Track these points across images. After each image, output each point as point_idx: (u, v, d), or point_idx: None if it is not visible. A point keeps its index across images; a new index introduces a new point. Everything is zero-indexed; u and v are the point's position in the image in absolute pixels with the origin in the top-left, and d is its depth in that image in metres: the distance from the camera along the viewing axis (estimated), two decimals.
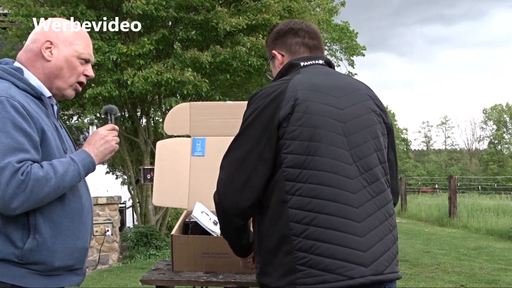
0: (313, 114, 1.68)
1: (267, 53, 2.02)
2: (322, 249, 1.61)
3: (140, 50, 8.01)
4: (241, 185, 1.68)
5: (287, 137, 1.66)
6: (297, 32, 1.94)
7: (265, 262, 1.71)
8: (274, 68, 1.98)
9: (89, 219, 1.96)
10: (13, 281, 1.72)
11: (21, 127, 1.69)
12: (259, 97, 1.76)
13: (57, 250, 1.78)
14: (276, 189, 1.67)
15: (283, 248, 1.65)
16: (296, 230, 1.63)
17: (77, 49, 1.93)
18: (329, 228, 1.62)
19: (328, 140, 1.67)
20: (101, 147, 1.91)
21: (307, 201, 1.63)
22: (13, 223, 1.72)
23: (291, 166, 1.65)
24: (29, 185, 1.65)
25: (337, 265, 1.60)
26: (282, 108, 1.68)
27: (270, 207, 1.68)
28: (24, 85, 1.82)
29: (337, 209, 1.63)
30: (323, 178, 1.64)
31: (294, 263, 1.63)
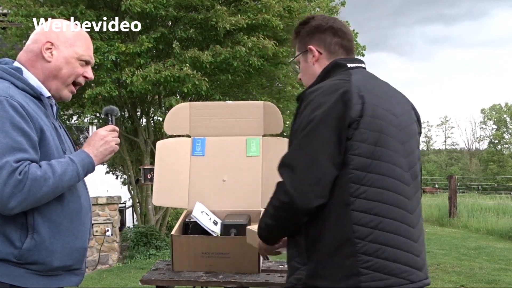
0: (379, 119, 1.70)
1: (297, 45, 1.98)
2: (387, 253, 1.64)
3: (139, 48, 8.00)
4: (315, 184, 1.64)
5: (356, 138, 1.66)
6: (337, 32, 1.92)
7: (320, 264, 1.67)
8: (305, 62, 1.94)
9: (88, 219, 1.96)
10: (11, 281, 1.72)
11: (20, 127, 1.69)
12: (320, 94, 1.71)
13: (55, 250, 1.78)
14: (339, 190, 1.65)
15: (344, 250, 1.63)
16: (361, 233, 1.63)
17: (77, 50, 1.93)
18: (393, 233, 1.66)
19: (391, 146, 1.71)
20: (101, 147, 1.91)
21: (372, 205, 1.65)
22: (11, 223, 1.72)
23: (357, 168, 1.65)
24: (27, 184, 1.64)
25: (401, 270, 1.65)
26: (352, 108, 1.66)
27: (330, 208, 1.66)
28: (24, 85, 1.82)
29: (399, 214, 1.68)
30: (387, 183, 1.67)
31: (357, 266, 1.62)
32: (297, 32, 1.97)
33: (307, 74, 1.94)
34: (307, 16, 2.02)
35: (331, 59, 1.89)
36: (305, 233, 1.71)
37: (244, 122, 2.67)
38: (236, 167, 2.61)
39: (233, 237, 2.27)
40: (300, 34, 1.96)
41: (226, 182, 2.60)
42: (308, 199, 1.63)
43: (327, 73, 1.85)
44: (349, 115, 1.65)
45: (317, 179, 1.63)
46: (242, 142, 2.65)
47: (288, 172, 1.67)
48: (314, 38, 1.92)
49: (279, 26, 8.61)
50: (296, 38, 1.98)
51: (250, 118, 2.66)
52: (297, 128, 1.71)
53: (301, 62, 1.96)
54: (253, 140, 2.65)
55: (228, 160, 2.63)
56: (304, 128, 1.67)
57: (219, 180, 2.60)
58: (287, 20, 9.03)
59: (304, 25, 1.96)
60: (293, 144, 1.70)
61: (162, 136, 8.56)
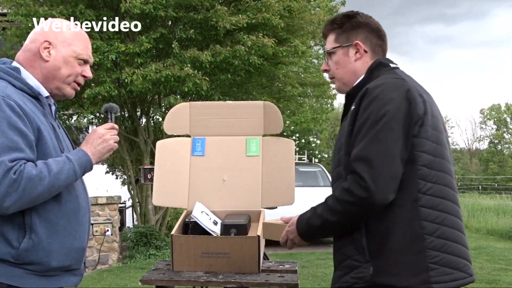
0: (435, 118, 1.77)
1: (337, 36, 1.94)
2: (452, 248, 1.70)
3: (138, 48, 8.00)
4: (391, 179, 1.65)
5: (422, 136, 1.70)
6: (381, 35, 1.96)
7: (388, 261, 1.68)
8: (346, 56, 1.92)
9: (87, 219, 1.95)
10: (9, 281, 1.72)
11: (16, 126, 1.69)
12: (386, 90, 1.72)
13: (53, 250, 1.78)
14: (408, 187, 1.68)
15: (414, 246, 1.67)
16: (429, 229, 1.68)
17: (75, 49, 1.92)
18: (455, 229, 1.73)
19: (444, 144, 1.78)
20: (99, 146, 1.90)
21: (438, 201, 1.70)
22: (9, 223, 1.71)
23: (424, 165, 1.70)
24: (22, 184, 1.64)
25: (463, 264, 1.72)
26: (418, 106, 1.71)
27: (400, 204, 1.68)
28: (21, 84, 1.82)
29: (456, 210, 1.76)
30: (447, 180, 1.74)
31: (426, 261, 1.66)
32: (340, 24, 1.94)
33: (345, 69, 1.92)
34: (350, 10, 1.97)
35: (373, 59, 1.90)
36: (367, 230, 1.70)
37: (244, 122, 2.66)
38: (236, 167, 2.61)
39: (233, 237, 2.27)
40: (344, 26, 1.93)
41: (226, 182, 2.59)
42: (386, 194, 1.64)
43: (371, 72, 1.86)
44: (416, 112, 1.70)
45: (393, 174, 1.66)
46: (242, 142, 2.65)
47: (365, 166, 1.65)
48: (360, 34, 1.91)
49: (280, 25, 8.60)
50: (338, 28, 1.94)
51: (250, 118, 2.66)
52: (363, 122, 1.70)
53: (339, 54, 1.93)
54: (253, 140, 2.65)
55: (228, 160, 2.62)
56: (376, 123, 1.67)
57: (219, 180, 2.60)
58: (287, 19, 9.02)
59: (350, 18, 1.93)
60: (366, 139, 1.68)
61: (162, 136, 8.55)
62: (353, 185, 1.65)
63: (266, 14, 8.37)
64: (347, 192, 1.66)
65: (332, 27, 1.96)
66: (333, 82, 2.01)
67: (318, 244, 9.87)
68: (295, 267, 2.42)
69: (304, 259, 8.17)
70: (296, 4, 8.99)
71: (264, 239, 2.41)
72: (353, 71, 1.92)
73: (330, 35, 1.97)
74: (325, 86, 13.98)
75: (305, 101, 13.58)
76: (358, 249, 1.71)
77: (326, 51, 1.97)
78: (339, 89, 2.00)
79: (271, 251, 8.33)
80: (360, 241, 1.71)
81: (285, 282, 2.16)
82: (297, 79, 11.82)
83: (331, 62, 1.96)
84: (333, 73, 1.97)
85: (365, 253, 1.70)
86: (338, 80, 1.97)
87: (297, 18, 9.34)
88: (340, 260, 1.78)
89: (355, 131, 1.72)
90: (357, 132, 1.71)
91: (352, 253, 1.72)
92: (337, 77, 1.96)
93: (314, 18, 10.04)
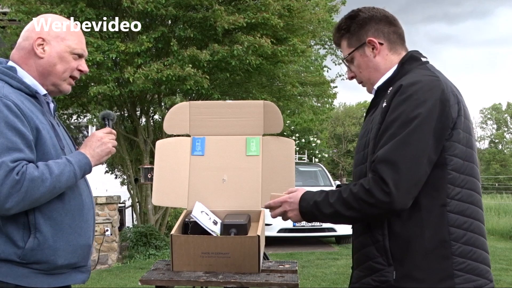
0: (468, 120, 1.72)
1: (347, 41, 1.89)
2: (477, 255, 1.66)
3: (138, 48, 7.99)
4: (414, 185, 1.61)
5: (454, 139, 1.65)
6: (391, 21, 1.88)
7: (413, 266, 1.64)
8: (364, 56, 1.87)
9: (91, 215, 1.96)
10: (16, 281, 1.72)
11: (14, 126, 1.68)
12: (420, 89, 1.65)
13: (59, 248, 1.78)
14: (436, 192, 1.64)
15: (440, 252, 1.63)
16: (457, 235, 1.64)
17: (69, 44, 1.91)
18: (480, 235, 1.69)
19: (474, 147, 1.74)
20: (98, 148, 1.91)
21: (466, 207, 1.66)
22: (13, 223, 1.71)
23: (454, 169, 1.65)
24: (24, 185, 1.64)
25: (485, 270, 1.69)
26: (452, 108, 1.65)
27: (428, 209, 1.64)
28: (18, 83, 1.81)
29: (481, 215, 1.72)
30: (475, 185, 1.70)
31: (452, 268, 1.63)
32: (346, 28, 1.89)
33: (368, 68, 1.87)
34: (351, 10, 1.92)
35: (392, 49, 1.85)
36: (390, 233, 1.66)
37: (244, 122, 2.65)
38: (236, 166, 2.60)
39: (233, 237, 2.26)
40: (351, 28, 1.87)
41: (226, 181, 2.58)
42: (406, 200, 1.61)
43: (403, 65, 1.81)
44: (451, 115, 1.64)
45: (416, 181, 1.61)
46: (242, 141, 2.64)
47: (390, 170, 1.60)
48: (370, 30, 1.85)
49: (279, 25, 8.59)
50: (346, 34, 1.89)
51: (250, 118, 2.65)
52: (392, 121, 1.65)
53: (357, 57, 1.88)
54: (253, 140, 2.63)
55: (228, 160, 2.61)
56: (407, 124, 1.62)
57: (219, 180, 2.59)
58: (287, 19, 9.01)
59: (353, 19, 1.88)
60: (395, 140, 1.62)
61: (162, 135, 8.55)
62: (375, 188, 1.60)
63: (265, 13, 8.36)
64: (367, 193, 1.62)
65: (341, 34, 1.91)
66: (364, 85, 1.94)
67: (318, 244, 9.88)
68: (295, 267, 2.41)
69: (304, 259, 8.17)
70: (296, 3, 8.99)
71: (264, 239, 2.40)
72: (375, 68, 1.86)
73: (342, 42, 1.92)
74: (325, 86, 13.97)
75: (305, 101, 13.56)
76: (380, 251, 1.68)
77: (344, 59, 1.92)
78: (371, 91, 1.93)
79: (271, 251, 8.33)
80: (383, 243, 1.67)
81: (285, 282, 2.15)
82: (297, 78, 11.82)
83: (353, 68, 1.91)
84: (360, 78, 1.92)
85: (388, 256, 1.66)
86: (366, 82, 1.91)
87: (297, 17, 9.34)
88: (360, 260, 1.75)
89: (383, 128, 1.67)
90: (385, 130, 1.66)
91: (374, 255, 1.69)
92: (364, 80, 1.91)
93: (313, 17, 10.02)
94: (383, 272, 1.66)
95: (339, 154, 42.71)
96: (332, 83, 15.47)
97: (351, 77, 1.93)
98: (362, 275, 1.73)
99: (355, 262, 1.80)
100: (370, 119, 1.82)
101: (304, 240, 10.00)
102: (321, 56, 20.62)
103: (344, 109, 50.41)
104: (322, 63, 20.36)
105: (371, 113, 1.85)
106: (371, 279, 1.69)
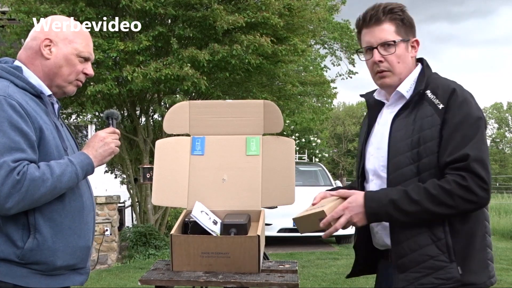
0: None
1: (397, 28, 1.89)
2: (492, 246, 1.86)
3: (137, 46, 7.98)
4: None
5: None
6: None
7: (473, 260, 1.76)
8: (406, 51, 1.90)
9: (91, 217, 1.96)
10: (14, 281, 1.72)
11: (18, 126, 1.68)
12: (469, 95, 1.82)
13: (58, 249, 1.78)
14: None
15: (482, 245, 1.79)
16: (488, 228, 1.83)
17: (76, 47, 1.92)
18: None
19: None
20: (100, 149, 1.91)
21: None
22: (13, 223, 1.72)
23: None
24: (25, 185, 1.64)
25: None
26: None
27: None
28: (23, 83, 1.81)
29: None
30: None
31: (486, 259, 1.80)
32: (401, 16, 1.90)
33: (404, 64, 1.91)
34: (394, 2, 1.92)
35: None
36: (452, 230, 1.74)
37: (244, 121, 2.64)
38: (236, 166, 2.59)
39: (233, 237, 2.25)
40: (405, 20, 1.90)
41: (225, 181, 2.57)
42: (489, 196, 1.76)
43: (427, 69, 1.94)
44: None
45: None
46: (242, 141, 2.63)
47: (483, 168, 1.72)
48: (415, 30, 1.95)
49: (279, 24, 8.58)
50: (399, 20, 1.89)
51: (250, 117, 2.64)
52: (461, 122, 1.74)
53: (401, 48, 1.89)
54: (253, 139, 2.62)
55: (227, 159, 2.60)
56: (476, 125, 1.76)
57: (219, 180, 2.58)
58: (287, 18, 9.00)
59: (403, 12, 1.90)
60: (475, 140, 1.74)
61: (162, 135, 8.54)
62: (474, 185, 1.70)
63: (266, 13, 8.36)
64: (466, 190, 1.70)
65: (393, 16, 1.88)
66: (384, 76, 1.92)
67: (318, 244, 9.87)
68: (295, 267, 2.40)
69: (304, 259, 8.16)
70: (296, 3, 8.98)
71: (264, 239, 2.39)
72: (409, 67, 1.92)
73: (387, 24, 1.88)
74: (325, 85, 13.97)
75: (305, 100, 13.57)
76: (442, 249, 1.73)
77: (390, 40, 1.88)
78: (391, 84, 1.93)
79: (271, 251, 8.32)
80: (445, 240, 1.74)
81: (285, 282, 2.14)
82: (297, 77, 11.81)
83: (386, 53, 1.89)
84: (392, 67, 1.90)
85: (450, 253, 1.72)
86: (395, 74, 1.90)
87: (297, 17, 9.33)
88: (418, 260, 1.76)
89: (451, 129, 1.74)
90: (454, 131, 1.74)
91: (435, 253, 1.73)
92: (396, 71, 1.90)
93: (314, 16, 10.02)
94: (447, 269, 1.72)
95: (339, 154, 42.74)
96: (332, 83, 15.47)
97: (379, 60, 1.89)
98: (419, 275, 1.75)
99: (408, 264, 1.78)
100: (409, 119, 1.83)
101: (304, 240, 9.99)
102: (321, 56, 20.64)
103: (344, 108, 50.44)
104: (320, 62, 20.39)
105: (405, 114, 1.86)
106: (433, 277, 1.73)
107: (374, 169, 1.95)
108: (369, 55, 1.93)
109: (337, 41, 20.16)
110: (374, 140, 2.00)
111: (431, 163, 1.76)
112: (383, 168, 1.89)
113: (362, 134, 2.10)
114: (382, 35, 1.88)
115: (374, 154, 1.97)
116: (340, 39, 20.06)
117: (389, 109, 1.98)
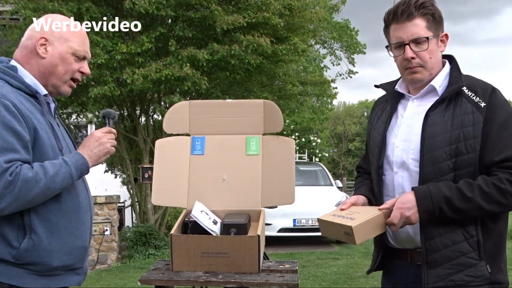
0: None
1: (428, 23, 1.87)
2: None
3: (139, 48, 7.98)
4: None
5: None
6: None
7: (501, 259, 1.80)
8: (436, 46, 1.90)
9: (88, 217, 1.94)
10: (10, 281, 1.71)
11: (11, 127, 1.67)
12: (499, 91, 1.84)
13: (54, 250, 1.77)
14: None
15: (506, 245, 1.84)
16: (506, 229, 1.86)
17: (72, 45, 1.90)
18: None
19: None
20: (95, 149, 1.89)
21: None
22: (8, 223, 1.71)
23: None
24: (18, 185, 1.63)
25: None
26: None
27: None
28: (18, 83, 1.80)
29: None
30: None
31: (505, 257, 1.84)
32: (432, 11, 1.87)
33: (435, 59, 1.91)
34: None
35: None
36: (484, 228, 1.76)
37: (244, 121, 2.64)
38: (236, 166, 2.59)
39: (233, 237, 2.25)
40: (436, 15, 1.87)
41: (225, 181, 2.57)
42: None
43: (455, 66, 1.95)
44: None
45: None
46: (242, 140, 2.63)
47: None
48: (443, 24, 1.93)
49: (279, 24, 8.58)
50: (430, 16, 1.87)
51: (250, 117, 2.63)
52: (507, 119, 1.77)
53: (433, 44, 1.88)
54: (253, 139, 2.62)
55: (227, 159, 2.60)
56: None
57: (219, 179, 2.58)
58: (288, 18, 9.00)
59: (434, 7, 1.88)
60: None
61: (162, 134, 8.54)
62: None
63: (266, 13, 8.36)
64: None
65: (425, 12, 1.86)
66: (415, 71, 1.90)
67: (318, 244, 9.87)
68: (295, 267, 2.40)
69: (304, 259, 8.16)
70: (297, 2, 8.98)
71: (264, 239, 2.39)
72: (439, 62, 1.92)
73: (419, 19, 1.86)
74: (326, 85, 13.96)
75: (306, 100, 13.56)
76: (473, 246, 1.75)
77: (423, 37, 1.85)
78: (422, 79, 1.91)
79: (271, 251, 8.32)
80: (477, 238, 1.75)
81: (285, 282, 2.14)
82: (298, 77, 11.81)
83: (419, 49, 1.87)
84: (425, 62, 1.88)
85: (480, 251, 1.74)
86: (427, 69, 1.89)
87: (297, 17, 9.33)
88: (450, 257, 1.77)
89: (498, 127, 1.75)
90: (501, 129, 1.75)
91: (467, 250, 1.75)
92: (428, 67, 1.89)
93: (315, 16, 10.02)
94: (477, 266, 1.74)
95: (339, 154, 42.70)
96: (333, 83, 15.47)
97: (411, 57, 1.88)
98: (450, 272, 1.76)
99: (439, 260, 1.78)
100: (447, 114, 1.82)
101: (304, 240, 9.98)
102: (322, 56, 20.64)
103: (344, 108, 50.42)
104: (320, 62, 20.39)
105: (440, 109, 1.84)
106: (463, 275, 1.74)
107: (401, 161, 1.91)
108: (399, 51, 1.90)
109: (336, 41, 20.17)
110: (399, 131, 1.96)
111: (471, 161, 1.76)
112: (413, 161, 1.87)
113: (381, 124, 2.04)
114: (414, 31, 1.85)
115: (400, 146, 1.93)
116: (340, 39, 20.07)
117: (416, 102, 1.95)
